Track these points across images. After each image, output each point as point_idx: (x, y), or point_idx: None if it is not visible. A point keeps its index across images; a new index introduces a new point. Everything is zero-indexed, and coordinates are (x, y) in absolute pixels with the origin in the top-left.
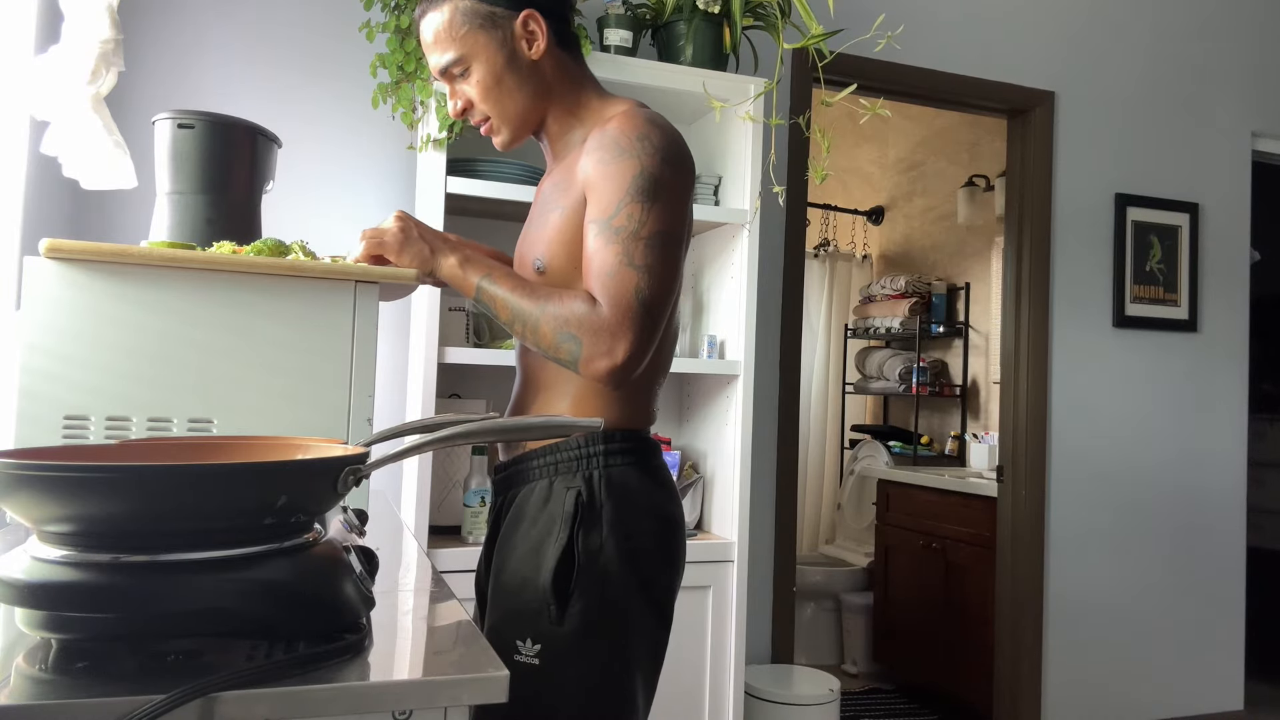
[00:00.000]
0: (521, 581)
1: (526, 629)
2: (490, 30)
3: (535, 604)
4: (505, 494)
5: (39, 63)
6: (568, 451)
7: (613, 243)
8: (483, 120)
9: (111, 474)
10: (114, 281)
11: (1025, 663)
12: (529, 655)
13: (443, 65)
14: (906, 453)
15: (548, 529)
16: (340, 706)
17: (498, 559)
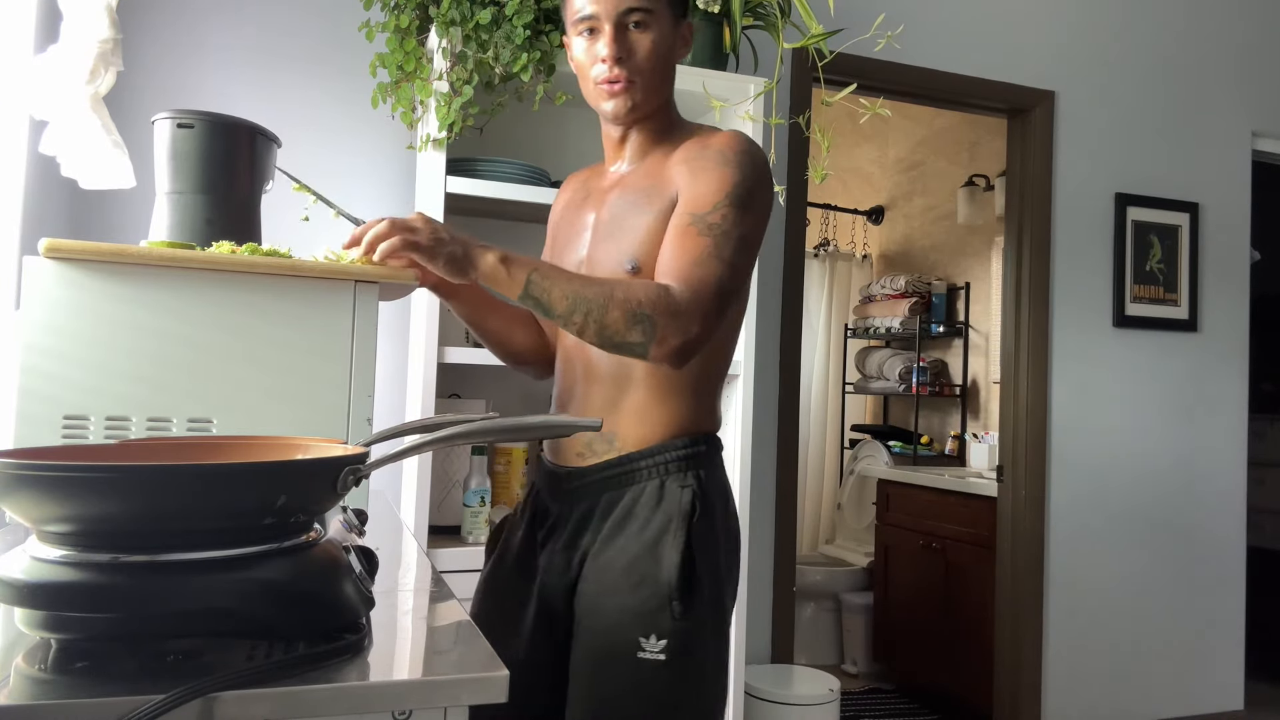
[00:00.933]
0: (640, 579)
1: (649, 625)
2: (675, 12)
3: (656, 601)
4: (595, 498)
5: (38, 62)
6: (675, 452)
7: (705, 235)
8: (632, 76)
9: (111, 474)
10: (113, 281)
11: (1025, 663)
12: (655, 651)
13: (631, 6)
14: (906, 453)
15: (663, 527)
16: (340, 706)
17: (601, 560)
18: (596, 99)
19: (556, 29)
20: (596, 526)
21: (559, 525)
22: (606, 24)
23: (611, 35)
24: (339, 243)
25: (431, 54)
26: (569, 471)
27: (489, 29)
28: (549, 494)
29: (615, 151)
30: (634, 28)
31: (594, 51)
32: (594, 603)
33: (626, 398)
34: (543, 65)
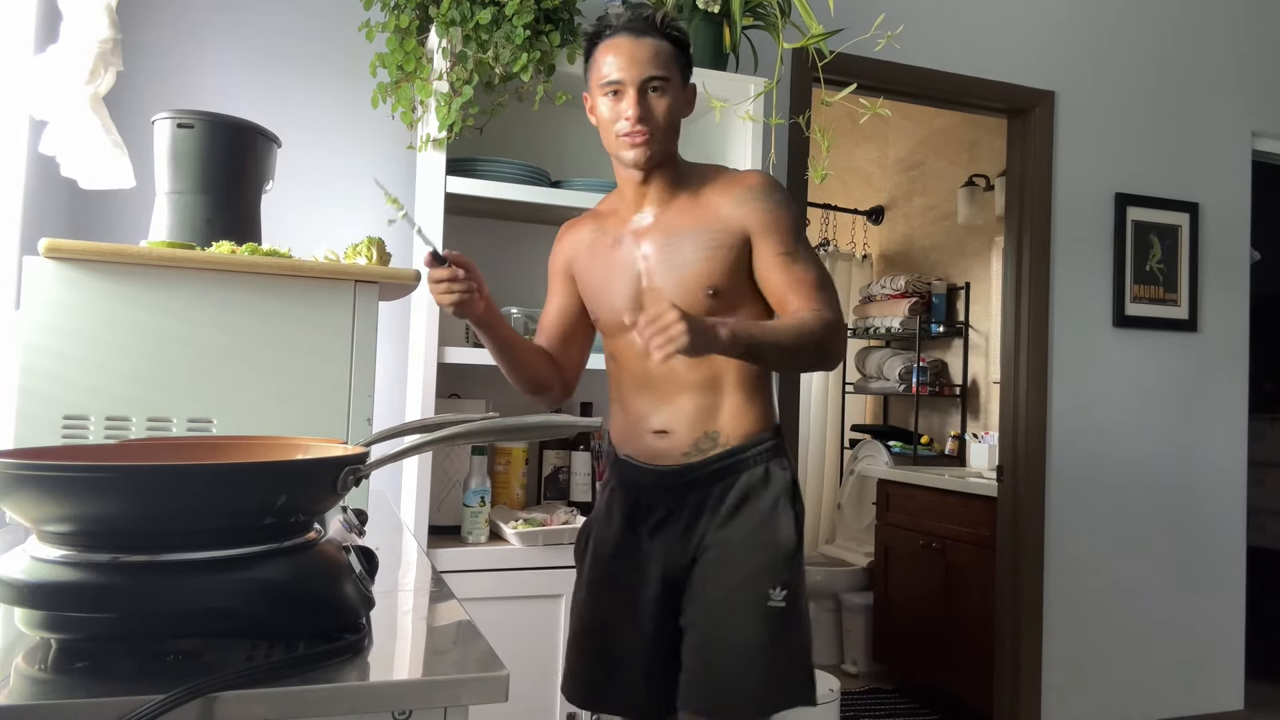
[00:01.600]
0: (764, 544)
1: (775, 580)
2: (685, 77)
3: (778, 561)
4: (709, 488)
5: (38, 62)
6: (768, 443)
7: (810, 268)
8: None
9: (111, 474)
10: (113, 281)
11: (1025, 663)
12: (779, 600)
13: (656, 75)
14: (906, 452)
15: (774, 503)
16: (340, 706)
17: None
18: (618, 148)
19: (556, 29)
20: (714, 509)
21: (673, 515)
22: (631, 89)
23: (634, 98)
24: (339, 244)
25: (431, 54)
26: (680, 469)
27: (489, 29)
28: (654, 492)
29: (637, 195)
30: (652, 92)
31: (618, 110)
32: (721, 567)
33: (722, 402)
34: (543, 65)
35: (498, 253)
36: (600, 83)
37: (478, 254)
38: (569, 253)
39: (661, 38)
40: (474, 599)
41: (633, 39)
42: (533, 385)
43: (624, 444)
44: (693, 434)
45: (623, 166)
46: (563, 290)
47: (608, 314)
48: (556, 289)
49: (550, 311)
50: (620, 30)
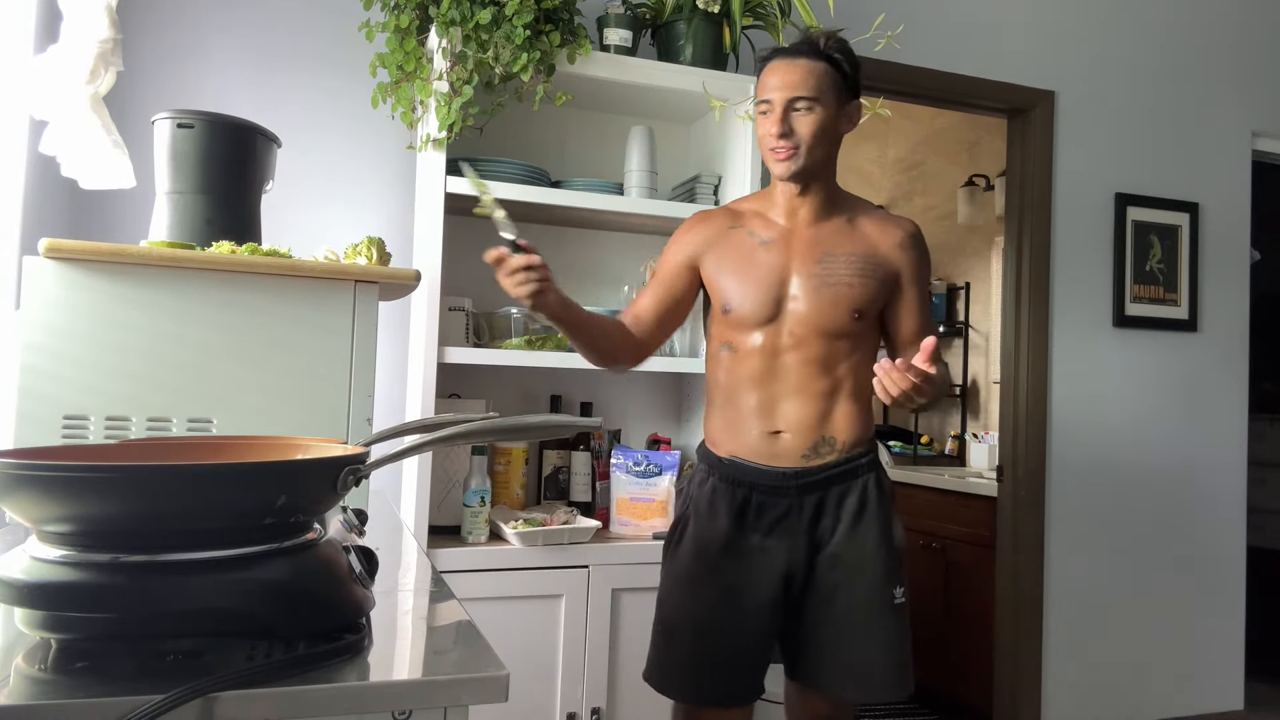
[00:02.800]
0: (887, 549)
1: (896, 579)
2: (841, 97)
3: (895, 561)
4: (825, 491)
5: (38, 62)
6: (874, 454)
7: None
8: (795, 147)
9: (111, 474)
10: (113, 281)
11: (1025, 663)
12: (900, 598)
13: (802, 95)
14: (906, 452)
15: (887, 508)
16: (340, 706)
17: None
18: (768, 161)
19: (556, 29)
20: (834, 513)
21: (791, 515)
22: (778, 108)
23: (779, 116)
24: (339, 244)
25: (431, 54)
26: (798, 470)
27: (489, 29)
28: (769, 491)
29: (792, 204)
30: (796, 111)
31: (767, 126)
32: (856, 571)
33: (836, 409)
34: (543, 65)
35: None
36: (758, 99)
37: (478, 254)
38: (699, 244)
39: (819, 59)
40: (474, 599)
41: (788, 61)
42: (603, 358)
43: (728, 441)
44: (809, 437)
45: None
46: (676, 279)
47: (742, 310)
48: (668, 277)
49: (654, 294)
50: (780, 54)
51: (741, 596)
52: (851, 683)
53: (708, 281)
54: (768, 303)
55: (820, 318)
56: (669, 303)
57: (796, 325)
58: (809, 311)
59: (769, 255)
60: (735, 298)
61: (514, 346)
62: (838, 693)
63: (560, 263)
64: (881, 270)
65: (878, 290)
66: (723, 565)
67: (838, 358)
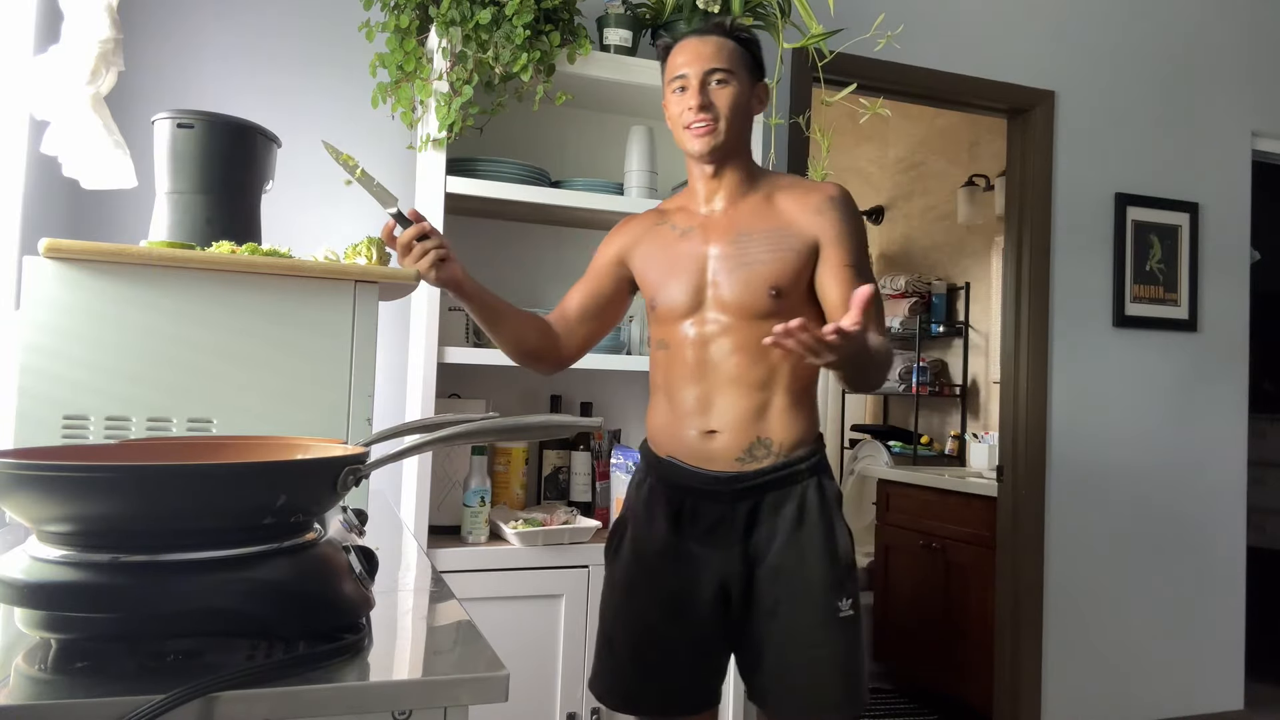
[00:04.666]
0: (830, 558)
1: (844, 591)
2: (750, 74)
3: (842, 572)
4: (760, 497)
5: (39, 62)
6: (817, 456)
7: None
8: (714, 120)
9: (111, 474)
10: (113, 281)
11: (1025, 663)
12: (847, 609)
13: (718, 67)
14: (906, 452)
15: (830, 515)
16: (340, 706)
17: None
18: (685, 141)
19: (556, 29)
20: (770, 521)
21: (724, 523)
22: (694, 80)
23: (696, 89)
24: (339, 245)
25: (431, 54)
26: (732, 476)
27: (489, 29)
28: (702, 497)
29: (709, 189)
30: (716, 84)
31: (684, 102)
32: (793, 583)
33: (771, 403)
34: (543, 65)
35: (498, 253)
36: (670, 78)
37: (478, 254)
38: (628, 241)
39: (727, 37)
40: (474, 599)
41: (699, 39)
42: (521, 353)
43: (667, 441)
44: (744, 438)
45: (693, 161)
46: (603, 275)
47: (666, 302)
48: (596, 273)
49: (580, 290)
50: (688, 35)
51: (680, 604)
52: (795, 702)
53: (639, 281)
54: (689, 291)
55: (738, 300)
56: (594, 299)
57: (719, 311)
58: (727, 295)
59: (687, 244)
60: (660, 291)
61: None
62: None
63: (560, 263)
64: (798, 241)
65: (796, 263)
66: (661, 572)
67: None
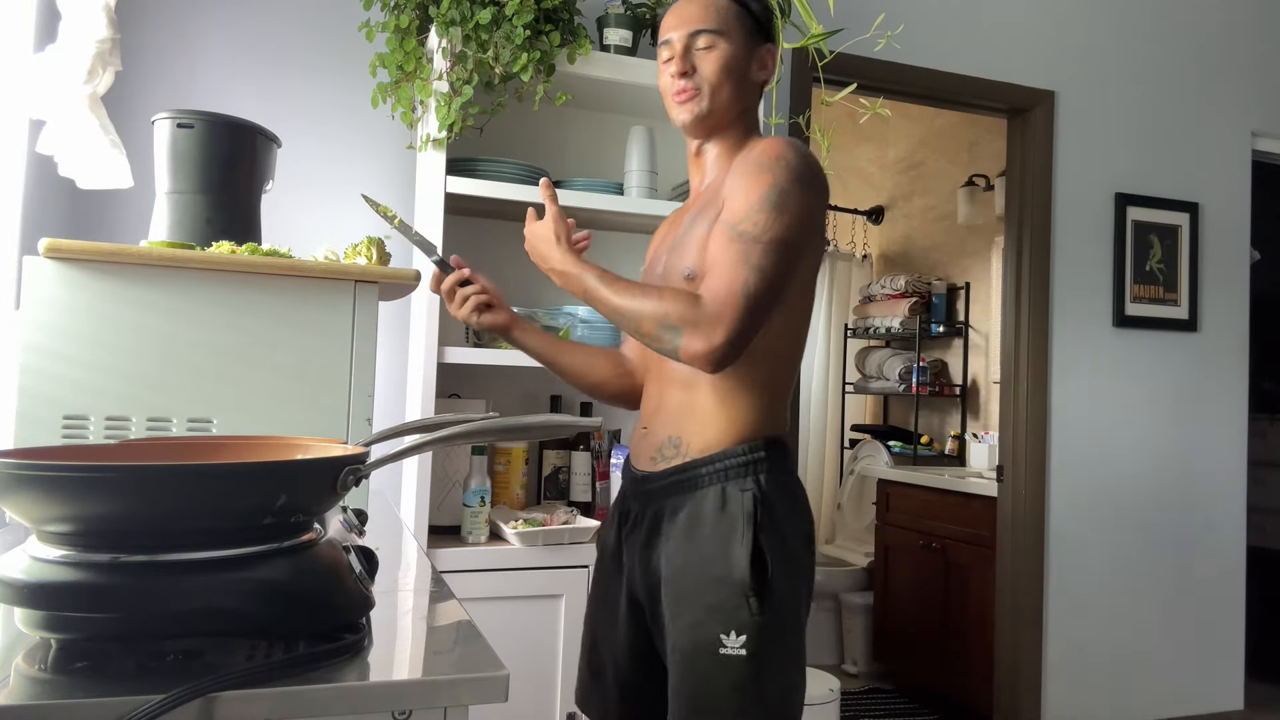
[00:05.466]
0: (715, 580)
1: (729, 623)
2: (749, 34)
3: (733, 599)
4: (663, 502)
5: (36, 62)
6: (735, 459)
7: (735, 243)
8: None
9: (111, 474)
10: (113, 281)
11: (1025, 663)
12: (735, 647)
13: (703, 28)
14: (906, 452)
15: (730, 530)
16: (340, 706)
17: (677, 562)
18: (671, 112)
19: (556, 29)
20: (668, 530)
21: (638, 525)
22: (678, 45)
23: (680, 53)
24: (339, 245)
25: (431, 54)
26: (644, 475)
27: (489, 29)
28: (631, 495)
29: (695, 167)
30: (701, 48)
31: (668, 69)
32: (677, 603)
33: (695, 403)
34: (543, 65)
35: (498, 253)
36: (659, 45)
37: (478, 254)
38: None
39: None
40: (474, 599)
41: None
42: (590, 387)
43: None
44: (660, 436)
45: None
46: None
47: None
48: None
49: None
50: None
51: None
52: None
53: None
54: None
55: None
56: None
57: None
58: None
59: (665, 234)
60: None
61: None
62: None
63: None
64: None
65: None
66: (605, 577)
67: None
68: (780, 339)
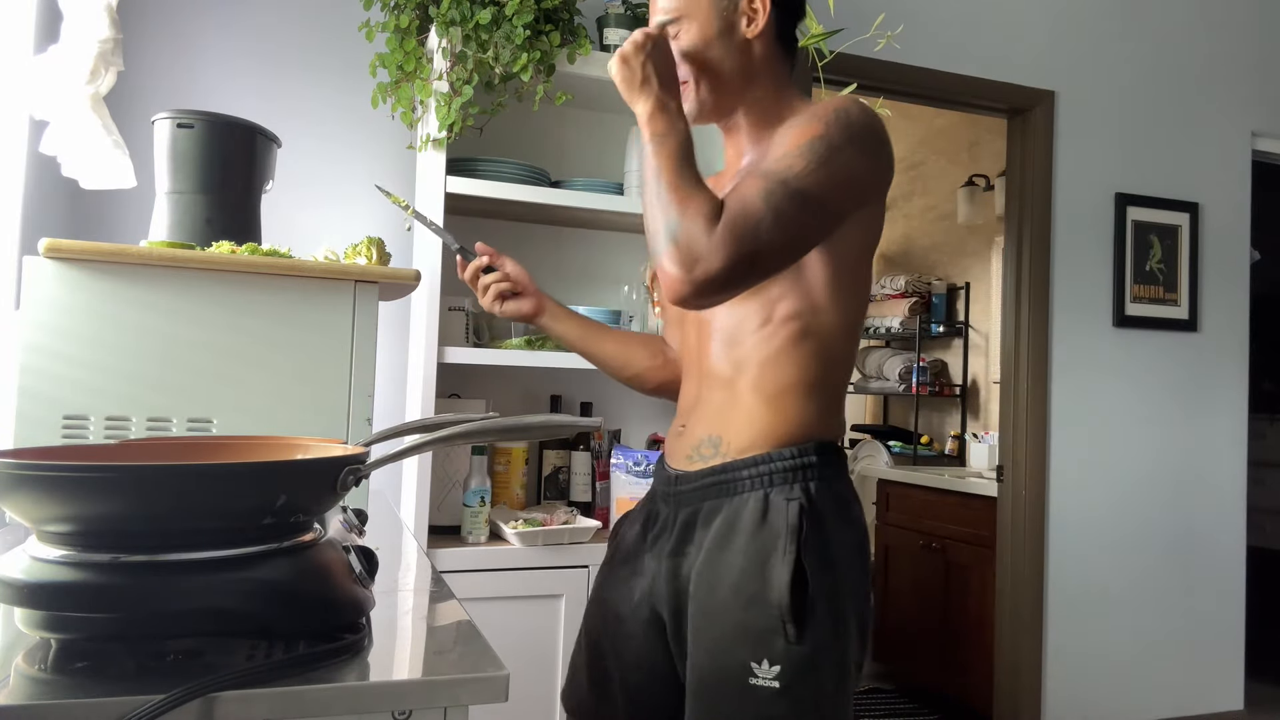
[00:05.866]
0: (748, 599)
1: (761, 650)
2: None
3: (767, 622)
4: (697, 505)
5: (38, 62)
6: (782, 462)
7: (761, 180)
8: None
9: (111, 474)
10: (113, 281)
11: (1025, 663)
12: (768, 678)
13: (662, 21)
14: (906, 452)
15: (771, 543)
16: (340, 706)
17: (707, 576)
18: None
19: (556, 29)
20: (700, 537)
21: (666, 529)
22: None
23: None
24: (341, 243)
25: (431, 54)
26: (678, 475)
27: (489, 29)
28: (661, 496)
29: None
30: (673, 37)
31: None
32: (703, 620)
33: (739, 401)
34: (543, 65)
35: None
36: None
37: None
38: None
39: None
40: (474, 599)
41: None
42: (632, 380)
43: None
44: (699, 434)
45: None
46: None
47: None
48: None
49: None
50: None
51: (629, 615)
52: None
53: None
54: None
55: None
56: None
57: None
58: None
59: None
60: None
61: (514, 346)
62: None
63: (560, 263)
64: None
65: None
66: (622, 575)
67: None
68: (837, 336)
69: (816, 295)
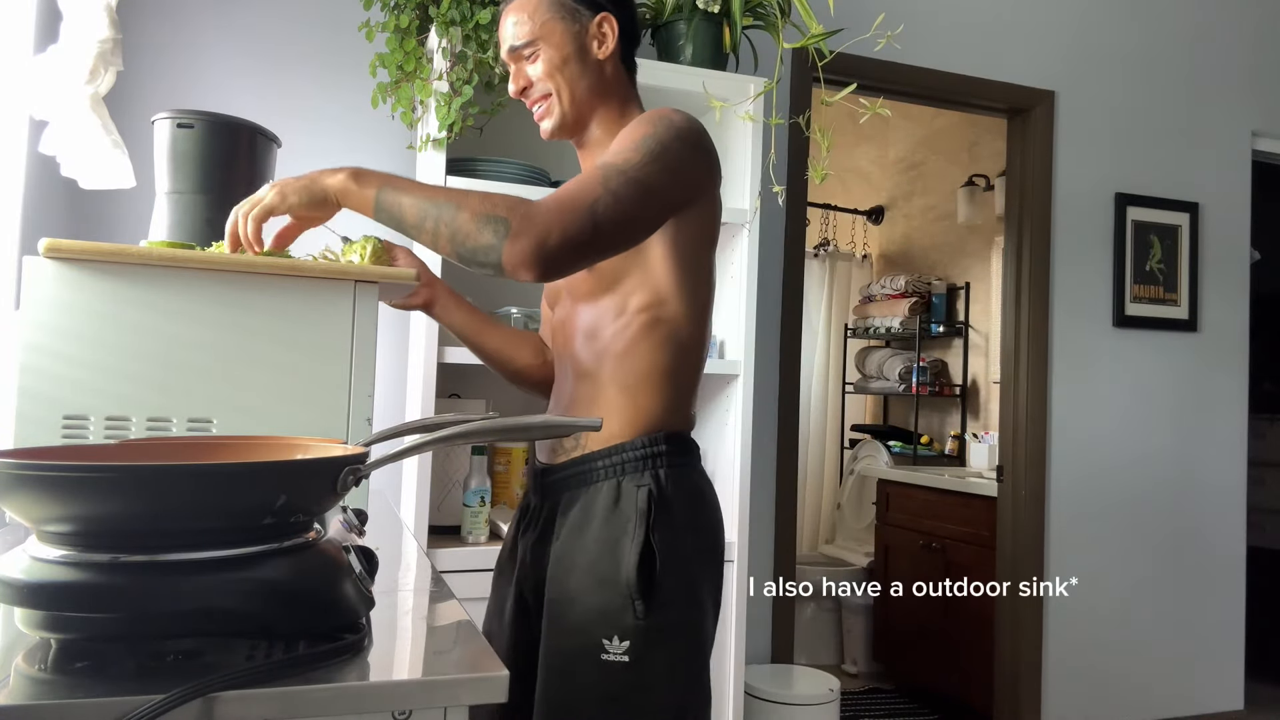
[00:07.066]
0: (600, 580)
1: (612, 627)
2: (568, 21)
3: (618, 601)
4: (559, 496)
5: (38, 62)
6: (632, 451)
7: (599, 169)
8: (539, 99)
9: (111, 474)
10: (113, 281)
11: (1025, 663)
12: (618, 653)
13: (515, 45)
14: (906, 452)
15: (621, 528)
16: (340, 706)
17: (564, 560)
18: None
19: None
20: (560, 525)
21: (534, 519)
22: (511, 65)
23: (513, 74)
24: (340, 244)
25: (431, 54)
26: (544, 468)
27: (489, 29)
28: (532, 489)
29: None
30: (528, 59)
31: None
32: (559, 603)
33: (600, 395)
34: None
35: None
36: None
37: None
38: None
39: None
40: (474, 599)
41: (504, 8)
42: (514, 376)
43: None
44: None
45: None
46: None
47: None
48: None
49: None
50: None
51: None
52: None
53: None
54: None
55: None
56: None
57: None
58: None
59: None
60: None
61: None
62: None
63: None
64: None
65: None
66: (499, 572)
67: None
68: (684, 324)
69: (663, 287)
